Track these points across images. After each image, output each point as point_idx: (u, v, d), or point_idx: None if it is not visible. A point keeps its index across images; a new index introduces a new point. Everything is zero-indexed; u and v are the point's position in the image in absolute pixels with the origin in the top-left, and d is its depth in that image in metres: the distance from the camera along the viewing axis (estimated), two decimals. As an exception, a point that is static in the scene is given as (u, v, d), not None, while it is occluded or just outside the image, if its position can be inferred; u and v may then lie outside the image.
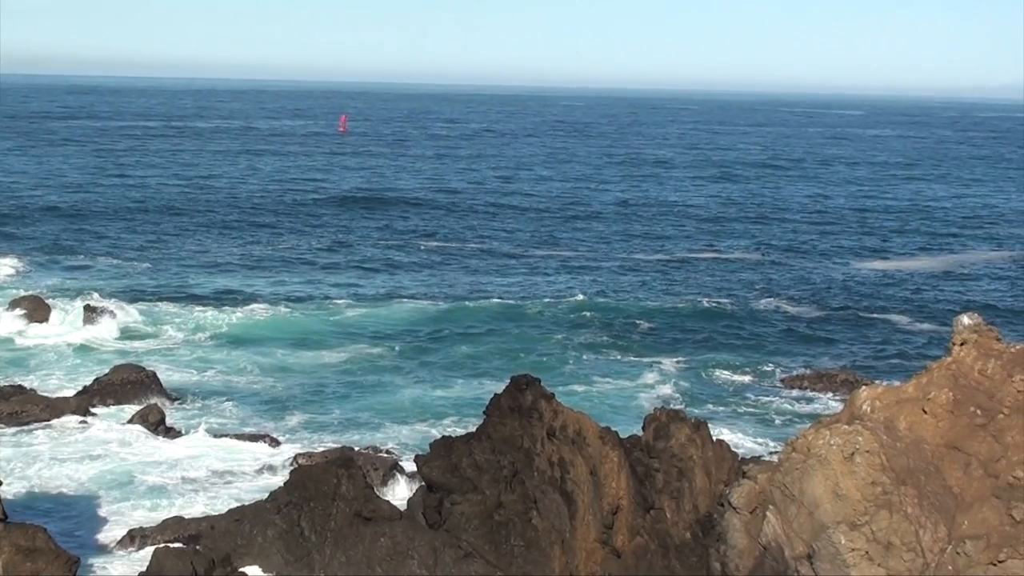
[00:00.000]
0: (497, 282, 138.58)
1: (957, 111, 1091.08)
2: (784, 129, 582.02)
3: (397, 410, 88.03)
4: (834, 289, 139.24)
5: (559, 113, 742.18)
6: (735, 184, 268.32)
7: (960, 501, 46.63)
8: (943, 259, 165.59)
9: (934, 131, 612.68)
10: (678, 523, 52.63)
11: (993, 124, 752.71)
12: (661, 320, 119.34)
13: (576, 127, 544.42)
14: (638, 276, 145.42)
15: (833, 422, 49.68)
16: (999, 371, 48.44)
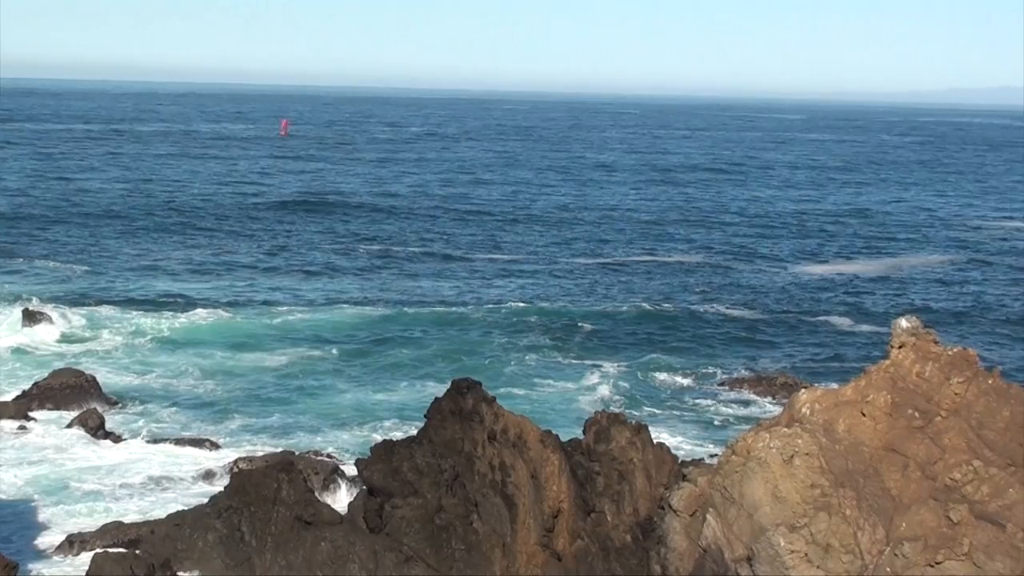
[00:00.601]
0: (439, 286, 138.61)
1: (895, 115, 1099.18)
2: (724, 133, 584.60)
3: (338, 414, 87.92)
4: (774, 292, 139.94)
5: (500, 117, 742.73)
6: (676, 188, 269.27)
7: (898, 503, 46.91)
8: (881, 262, 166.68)
9: (873, 135, 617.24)
10: (618, 526, 52.74)
11: (930, 128, 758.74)
12: (602, 323, 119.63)
13: (517, 131, 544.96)
14: (580, 280, 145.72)
15: (773, 425, 49.89)
16: (937, 374, 48.78)
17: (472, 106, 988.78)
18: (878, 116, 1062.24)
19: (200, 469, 73.08)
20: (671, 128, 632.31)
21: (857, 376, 51.09)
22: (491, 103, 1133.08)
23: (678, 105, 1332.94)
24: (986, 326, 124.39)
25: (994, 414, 47.66)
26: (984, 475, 46.35)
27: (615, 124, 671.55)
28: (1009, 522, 45.29)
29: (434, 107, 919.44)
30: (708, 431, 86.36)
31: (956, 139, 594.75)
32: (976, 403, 47.93)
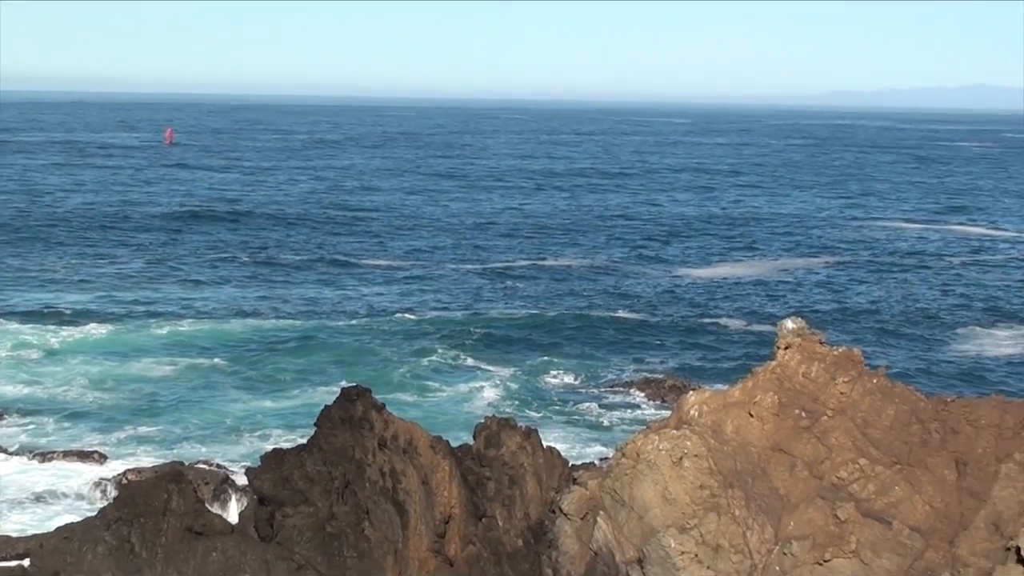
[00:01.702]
0: (327, 293, 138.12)
1: (780, 118, 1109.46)
2: (612, 138, 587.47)
3: (227, 423, 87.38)
4: (661, 295, 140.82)
5: (387, 123, 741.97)
6: (563, 192, 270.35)
7: (786, 502, 47.33)
8: (767, 264, 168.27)
9: (757, 138, 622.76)
10: (510, 530, 52.79)
11: (813, 130, 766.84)
12: (492, 328, 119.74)
13: (405, 137, 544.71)
14: (468, 285, 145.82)
15: (662, 427, 50.16)
16: (822, 374, 49.29)
17: (359, 113, 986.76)
18: (763, 119, 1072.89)
19: (88, 481, 72.31)
20: (559, 133, 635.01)
21: (744, 377, 51.54)
22: (379, 110, 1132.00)
23: (566, 110, 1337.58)
24: (870, 325, 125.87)
25: (879, 413, 48.25)
26: (870, 473, 46.89)
27: (503, 129, 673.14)
28: (895, 519, 45.86)
29: (321, 114, 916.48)
30: (598, 434, 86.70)
31: (839, 141, 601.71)
32: (861, 402, 48.49)
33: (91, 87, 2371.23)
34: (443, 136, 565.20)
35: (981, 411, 48.15)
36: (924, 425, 48.01)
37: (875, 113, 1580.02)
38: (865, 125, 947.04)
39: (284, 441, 77.35)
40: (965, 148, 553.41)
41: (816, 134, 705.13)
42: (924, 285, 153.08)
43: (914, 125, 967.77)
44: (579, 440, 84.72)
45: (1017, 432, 47.29)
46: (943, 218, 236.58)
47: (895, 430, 48.02)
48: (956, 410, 48.44)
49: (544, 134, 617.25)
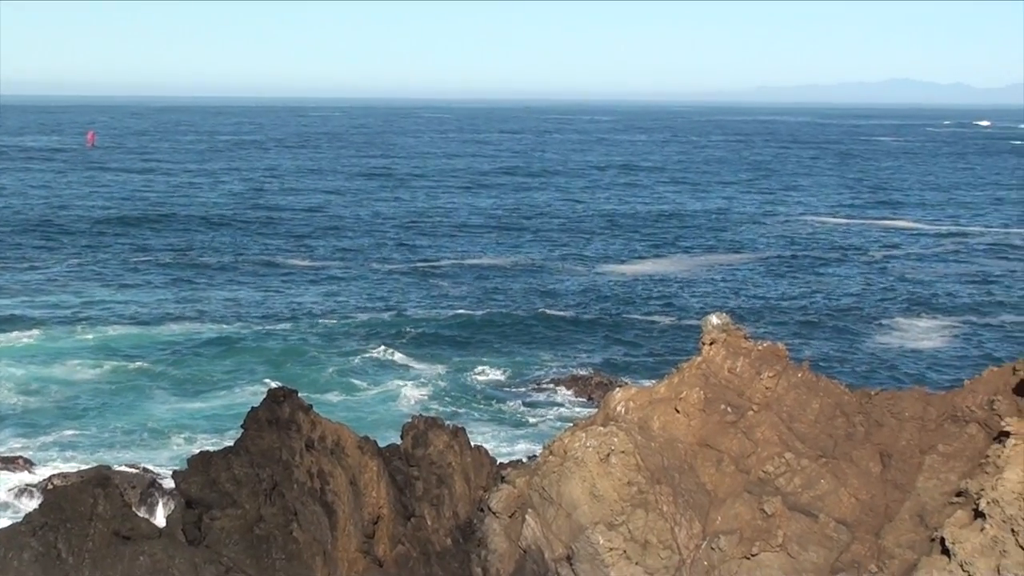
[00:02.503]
0: (254, 295, 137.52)
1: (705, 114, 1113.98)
2: (537, 136, 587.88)
3: (154, 427, 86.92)
4: (586, 293, 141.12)
5: (311, 123, 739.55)
6: (489, 191, 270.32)
7: (713, 497, 47.56)
8: (692, 260, 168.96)
9: (683, 135, 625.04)
10: (439, 530, 52.79)
11: (739, 127, 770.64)
12: (419, 327, 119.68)
13: (328, 137, 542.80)
14: (394, 285, 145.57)
15: (589, 424, 50.29)
16: (747, 369, 49.56)
17: (283, 113, 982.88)
18: (688, 116, 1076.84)
19: (13, 487, 71.80)
20: (484, 132, 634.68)
21: (670, 373, 51.75)
22: (302, 110, 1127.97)
23: (491, 109, 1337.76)
24: (795, 319, 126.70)
25: (804, 407, 48.57)
26: (796, 467, 47.20)
27: (427, 129, 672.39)
28: (821, 512, 46.19)
29: (244, 115, 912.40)
30: (525, 432, 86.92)
31: (762, 137, 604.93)
32: (786, 396, 48.81)
33: (9, 90, 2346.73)
34: (368, 136, 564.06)
35: (904, 404, 48.57)
36: (849, 418, 48.37)
37: (798, 109, 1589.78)
38: (787, 120, 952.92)
39: (211, 444, 76.98)
40: (887, 143, 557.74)
41: (740, 130, 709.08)
42: (847, 279, 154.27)
43: (836, 120, 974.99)
44: (507, 438, 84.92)
45: (940, 424, 47.73)
46: (866, 212, 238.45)
47: (820, 423, 48.36)
48: (880, 403, 48.84)
49: (469, 133, 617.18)
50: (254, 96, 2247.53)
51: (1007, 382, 47.19)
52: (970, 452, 46.64)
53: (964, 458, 46.70)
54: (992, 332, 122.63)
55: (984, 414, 46.92)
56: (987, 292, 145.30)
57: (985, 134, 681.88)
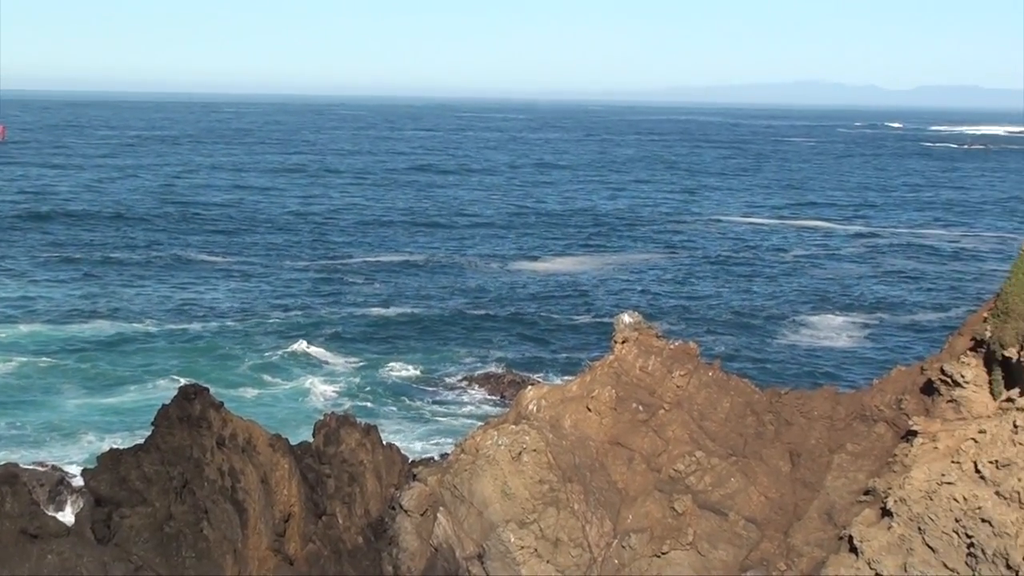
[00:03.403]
0: (166, 292, 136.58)
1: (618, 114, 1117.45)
2: (453, 134, 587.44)
3: (63, 424, 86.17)
4: (501, 291, 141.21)
5: (225, 119, 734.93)
6: (403, 189, 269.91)
7: (624, 496, 47.70)
8: (605, 259, 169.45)
9: (597, 133, 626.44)
10: (350, 528, 52.65)
11: (651, 126, 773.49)
12: (333, 324, 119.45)
13: (242, 134, 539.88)
14: (310, 282, 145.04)
15: (501, 422, 50.32)
16: (659, 368, 49.74)
17: (197, 109, 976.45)
18: (602, 115, 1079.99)
19: (-82, 485, 70.80)
20: (400, 129, 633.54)
21: (582, 372, 51.87)
22: (217, 106, 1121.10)
23: (407, 106, 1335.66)
24: (707, 318, 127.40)
25: (715, 405, 48.82)
26: (706, 465, 47.44)
27: (343, 126, 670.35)
28: (731, 510, 46.46)
29: (158, 111, 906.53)
30: (437, 430, 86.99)
31: (676, 137, 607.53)
32: (697, 395, 49.04)
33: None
34: (283, 132, 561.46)
35: (814, 403, 48.95)
36: (759, 417, 48.67)
37: (710, 108, 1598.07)
38: (700, 120, 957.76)
39: (121, 441, 76.39)
40: (800, 143, 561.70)
41: (653, 129, 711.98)
42: (760, 278, 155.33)
43: (748, 120, 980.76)
44: (419, 436, 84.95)
45: (849, 423, 48.13)
46: (779, 212, 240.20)
47: (730, 422, 48.62)
48: (790, 402, 49.18)
49: (385, 130, 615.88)
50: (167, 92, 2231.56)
51: (915, 381, 47.66)
52: (878, 451, 47.06)
53: (872, 457, 47.11)
54: (900, 332, 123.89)
55: (892, 413, 47.37)
56: (896, 292, 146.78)
57: (897, 136, 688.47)
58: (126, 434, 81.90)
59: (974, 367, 44.45)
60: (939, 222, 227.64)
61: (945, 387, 45.13)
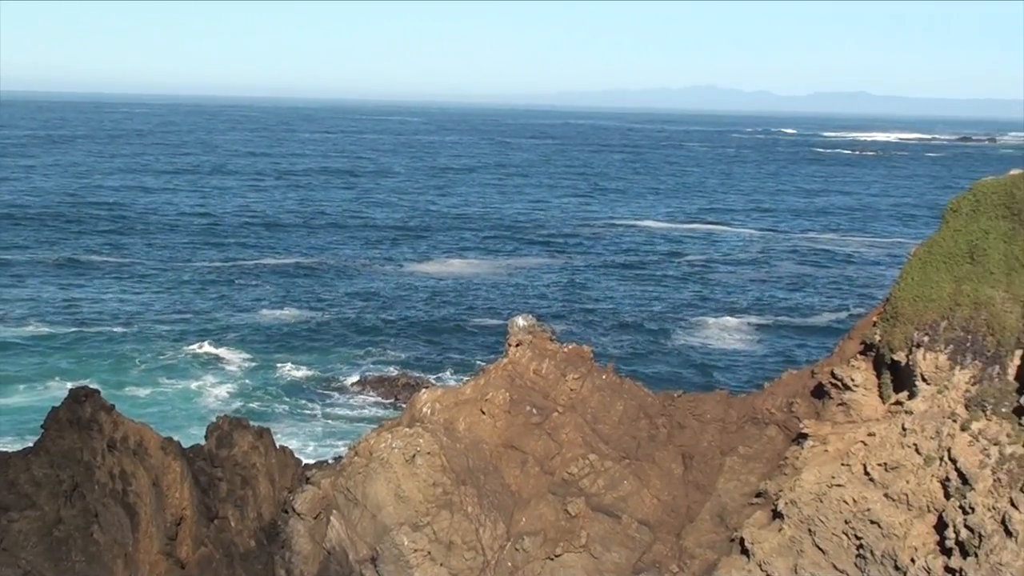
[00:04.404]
0: (57, 293, 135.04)
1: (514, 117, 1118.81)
2: (348, 136, 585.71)
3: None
4: (396, 293, 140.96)
5: (120, 120, 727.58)
6: (297, 191, 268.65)
7: (518, 498, 47.78)
8: (499, 262, 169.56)
9: (494, 136, 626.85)
10: (242, 531, 52.35)
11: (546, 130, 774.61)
12: (227, 326, 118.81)
13: (137, 134, 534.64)
14: (202, 283, 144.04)
15: (394, 425, 50.27)
16: (553, 371, 49.88)
17: (90, 109, 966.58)
18: (498, 118, 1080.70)
19: None
20: (295, 131, 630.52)
21: (476, 375, 51.90)
22: (112, 106, 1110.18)
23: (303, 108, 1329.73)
24: (601, 321, 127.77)
25: (608, 408, 49.03)
26: (600, 468, 47.63)
27: (238, 127, 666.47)
28: (624, 513, 46.68)
29: (50, 110, 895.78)
30: (331, 432, 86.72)
31: (572, 141, 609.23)
32: (591, 398, 49.22)
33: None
34: (177, 133, 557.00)
35: (706, 406, 49.31)
36: (652, 420, 48.94)
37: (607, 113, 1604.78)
38: (596, 124, 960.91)
39: (10, 444, 75.35)
40: (696, 148, 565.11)
41: (550, 134, 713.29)
42: (654, 281, 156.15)
43: (645, 125, 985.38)
44: (312, 438, 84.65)
45: (741, 426, 48.52)
46: (673, 216, 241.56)
47: (624, 425, 48.85)
48: (682, 405, 49.51)
49: (279, 132, 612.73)
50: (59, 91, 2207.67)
51: (805, 385, 48.13)
52: (769, 454, 47.49)
53: (763, 460, 47.53)
54: (792, 335, 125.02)
55: (783, 416, 47.81)
56: (788, 296, 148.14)
57: (790, 141, 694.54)
58: (15, 437, 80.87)
59: (864, 371, 44.96)
60: (831, 227, 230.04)
61: (835, 390, 45.62)
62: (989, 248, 41.62)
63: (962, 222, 43.21)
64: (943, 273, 42.42)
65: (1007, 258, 41.21)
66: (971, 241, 42.16)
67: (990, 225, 42.22)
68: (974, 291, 41.18)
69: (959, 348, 41.19)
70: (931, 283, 42.50)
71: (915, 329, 42.27)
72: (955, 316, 41.38)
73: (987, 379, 40.30)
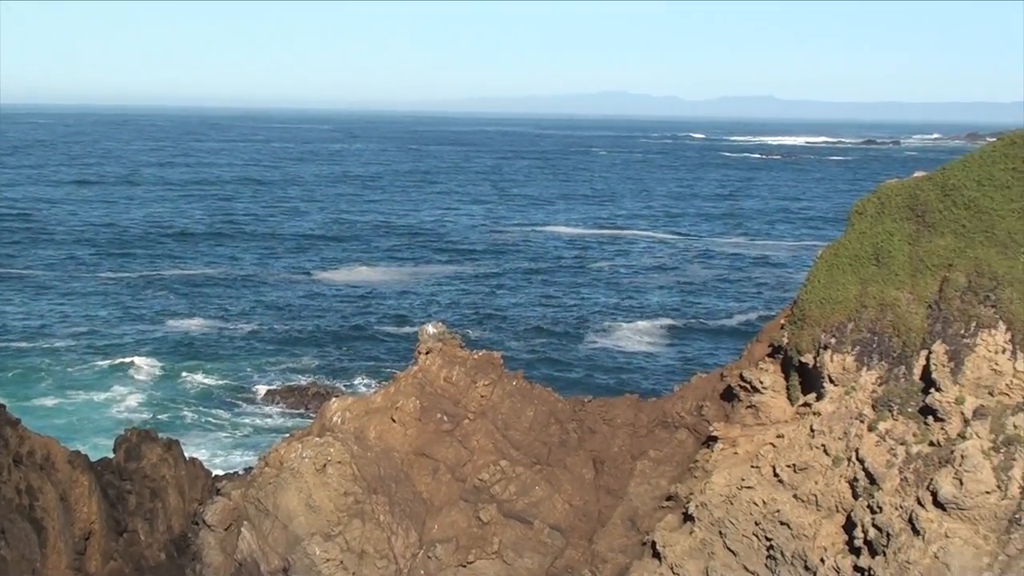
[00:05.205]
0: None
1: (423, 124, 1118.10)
2: (255, 145, 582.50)
3: None
4: (304, 303, 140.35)
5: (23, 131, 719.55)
6: (203, 200, 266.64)
7: (430, 506, 47.73)
8: (408, 270, 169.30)
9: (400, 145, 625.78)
10: (152, 544, 51.95)
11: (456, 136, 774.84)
12: (135, 336, 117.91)
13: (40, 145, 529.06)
14: (110, 293, 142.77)
15: (305, 434, 50.09)
16: (463, 377, 49.89)
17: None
18: (406, 125, 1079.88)
19: None
20: (201, 140, 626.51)
21: (386, 383, 51.81)
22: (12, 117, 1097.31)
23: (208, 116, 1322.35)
24: (511, 328, 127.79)
25: (519, 414, 49.09)
26: (511, 474, 47.67)
27: (142, 136, 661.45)
28: (536, 519, 46.73)
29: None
30: (242, 443, 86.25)
31: (481, 147, 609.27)
32: (502, 404, 49.26)
33: None
34: (81, 144, 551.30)
35: (617, 410, 49.47)
36: (562, 425, 49.04)
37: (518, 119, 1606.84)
38: (507, 131, 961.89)
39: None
40: (605, 154, 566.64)
41: (460, 140, 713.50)
42: (564, 287, 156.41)
43: (554, 131, 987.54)
44: (222, 449, 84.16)
45: (651, 430, 48.72)
46: (583, 222, 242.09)
47: (535, 431, 48.92)
48: (593, 410, 49.65)
49: (188, 141, 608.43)
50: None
51: (715, 388, 48.39)
52: (680, 457, 47.71)
53: (674, 463, 47.75)
54: (702, 338, 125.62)
55: (693, 419, 48.04)
56: (697, 299, 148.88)
57: (700, 146, 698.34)
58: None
59: (772, 373, 45.28)
60: (740, 230, 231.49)
61: (744, 393, 45.91)
62: (894, 250, 42.02)
63: (867, 224, 43.60)
64: (849, 275, 42.79)
65: (912, 260, 41.63)
66: (876, 243, 42.56)
67: (895, 227, 42.63)
68: (880, 293, 41.56)
69: (865, 349, 41.56)
70: (837, 285, 42.86)
71: (822, 331, 42.60)
72: (861, 318, 41.74)
73: (893, 379, 40.69)
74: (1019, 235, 39.73)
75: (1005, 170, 41.52)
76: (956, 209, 41.54)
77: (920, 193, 42.89)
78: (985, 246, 40.08)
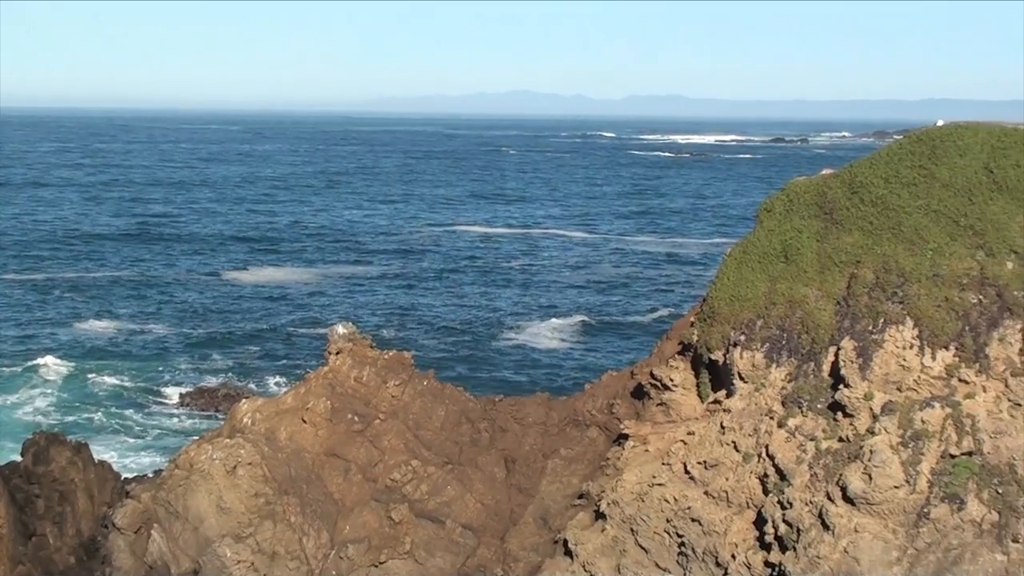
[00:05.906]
0: None
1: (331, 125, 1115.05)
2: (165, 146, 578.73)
3: None
4: (213, 305, 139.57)
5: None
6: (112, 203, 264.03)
7: (341, 506, 47.64)
8: (317, 271, 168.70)
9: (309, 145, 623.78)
10: (61, 548, 51.49)
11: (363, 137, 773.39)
12: (45, 338, 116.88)
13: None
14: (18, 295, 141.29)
15: (215, 436, 49.84)
16: (374, 378, 49.83)
17: None
18: (317, 126, 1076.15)
19: None
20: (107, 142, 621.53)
21: (296, 384, 51.66)
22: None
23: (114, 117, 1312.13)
24: (422, 327, 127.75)
25: (430, 414, 49.09)
26: (423, 474, 47.66)
27: (48, 137, 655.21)
28: (448, 518, 46.75)
29: None
30: (151, 446, 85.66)
31: (388, 148, 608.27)
32: (413, 404, 49.26)
33: None
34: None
35: (528, 409, 49.58)
36: (474, 424, 49.10)
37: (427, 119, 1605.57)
38: (416, 131, 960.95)
39: None
40: (514, 153, 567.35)
41: (369, 140, 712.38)
42: (474, 286, 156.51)
43: (464, 131, 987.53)
44: (132, 451, 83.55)
45: (562, 429, 48.85)
46: (495, 221, 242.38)
47: (446, 430, 48.96)
48: (504, 409, 49.74)
49: (96, 143, 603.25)
50: None
51: (625, 386, 48.59)
52: (591, 455, 47.86)
53: (585, 461, 47.90)
54: (612, 336, 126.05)
55: (604, 418, 48.22)
56: (608, 297, 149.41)
57: (610, 145, 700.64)
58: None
59: (682, 370, 45.51)
60: (650, 228, 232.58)
61: (655, 391, 46.11)
62: (802, 247, 42.37)
63: (776, 222, 43.92)
64: (758, 272, 43.09)
65: (820, 257, 41.98)
66: (785, 240, 42.88)
67: (803, 224, 42.97)
68: (788, 290, 41.88)
69: (775, 346, 41.87)
70: (746, 282, 43.15)
71: (731, 328, 42.88)
72: (770, 315, 42.05)
73: (802, 376, 41.02)
74: (925, 232, 40.15)
75: (912, 167, 41.96)
76: (863, 206, 41.92)
77: (828, 191, 43.26)
78: (892, 243, 40.47)
